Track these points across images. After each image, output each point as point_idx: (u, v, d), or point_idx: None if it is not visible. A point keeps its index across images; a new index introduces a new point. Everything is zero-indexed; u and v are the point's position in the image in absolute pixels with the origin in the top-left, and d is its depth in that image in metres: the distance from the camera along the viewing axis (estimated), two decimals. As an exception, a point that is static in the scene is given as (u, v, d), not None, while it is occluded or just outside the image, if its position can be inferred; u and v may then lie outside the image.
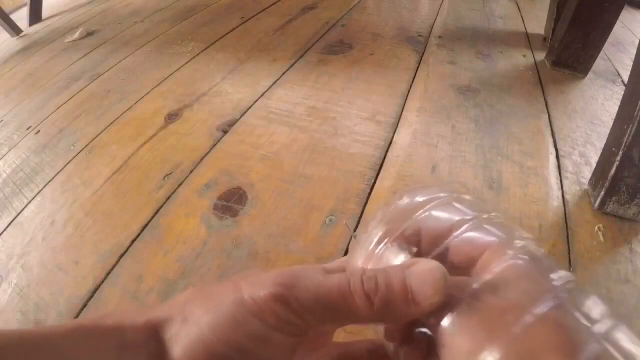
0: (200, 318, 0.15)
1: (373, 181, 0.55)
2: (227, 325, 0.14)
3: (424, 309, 0.15)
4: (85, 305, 0.44)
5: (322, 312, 0.15)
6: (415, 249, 0.17)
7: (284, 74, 0.83)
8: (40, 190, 0.61)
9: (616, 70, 0.83)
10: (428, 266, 0.15)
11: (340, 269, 0.18)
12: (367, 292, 0.15)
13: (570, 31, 0.75)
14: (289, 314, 0.15)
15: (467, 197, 0.19)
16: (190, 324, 0.15)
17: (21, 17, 1.51)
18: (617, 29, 0.85)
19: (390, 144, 0.61)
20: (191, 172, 0.59)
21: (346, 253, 0.46)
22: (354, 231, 0.19)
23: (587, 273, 0.44)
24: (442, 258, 0.16)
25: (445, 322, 0.14)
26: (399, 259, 0.17)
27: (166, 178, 0.59)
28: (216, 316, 0.15)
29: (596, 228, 0.48)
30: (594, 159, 0.56)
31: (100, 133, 0.71)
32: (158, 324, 0.15)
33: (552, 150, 0.59)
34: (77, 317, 0.43)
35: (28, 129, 0.79)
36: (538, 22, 1.04)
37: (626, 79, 0.76)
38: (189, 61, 0.92)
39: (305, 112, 0.70)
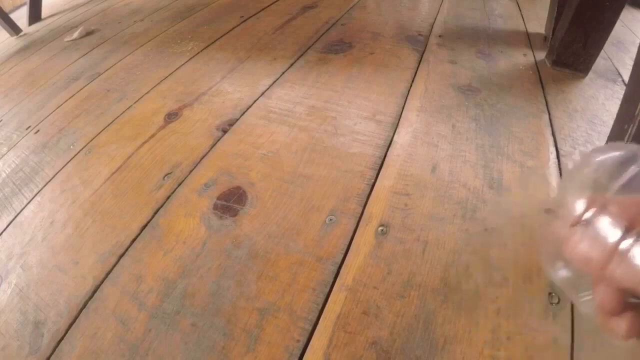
0: None
1: (373, 181, 0.54)
2: None
3: None
4: (84, 305, 0.44)
5: None
6: (624, 226, 0.16)
7: (283, 73, 0.82)
8: (40, 190, 0.61)
9: (616, 69, 0.83)
10: None
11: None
12: None
13: (571, 30, 0.75)
14: None
15: None
16: None
17: (21, 17, 1.52)
18: (618, 28, 0.85)
19: (390, 143, 0.61)
20: (191, 171, 0.59)
21: (346, 253, 0.45)
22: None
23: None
24: None
25: None
26: (613, 233, 0.17)
27: (166, 178, 0.58)
28: None
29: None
30: (594, 158, 0.56)
31: (100, 132, 0.71)
32: None
33: (553, 149, 0.59)
34: (76, 317, 0.43)
35: (27, 128, 0.79)
36: (538, 21, 1.03)
37: (626, 79, 0.76)
38: (189, 60, 0.92)
39: (305, 111, 0.70)
